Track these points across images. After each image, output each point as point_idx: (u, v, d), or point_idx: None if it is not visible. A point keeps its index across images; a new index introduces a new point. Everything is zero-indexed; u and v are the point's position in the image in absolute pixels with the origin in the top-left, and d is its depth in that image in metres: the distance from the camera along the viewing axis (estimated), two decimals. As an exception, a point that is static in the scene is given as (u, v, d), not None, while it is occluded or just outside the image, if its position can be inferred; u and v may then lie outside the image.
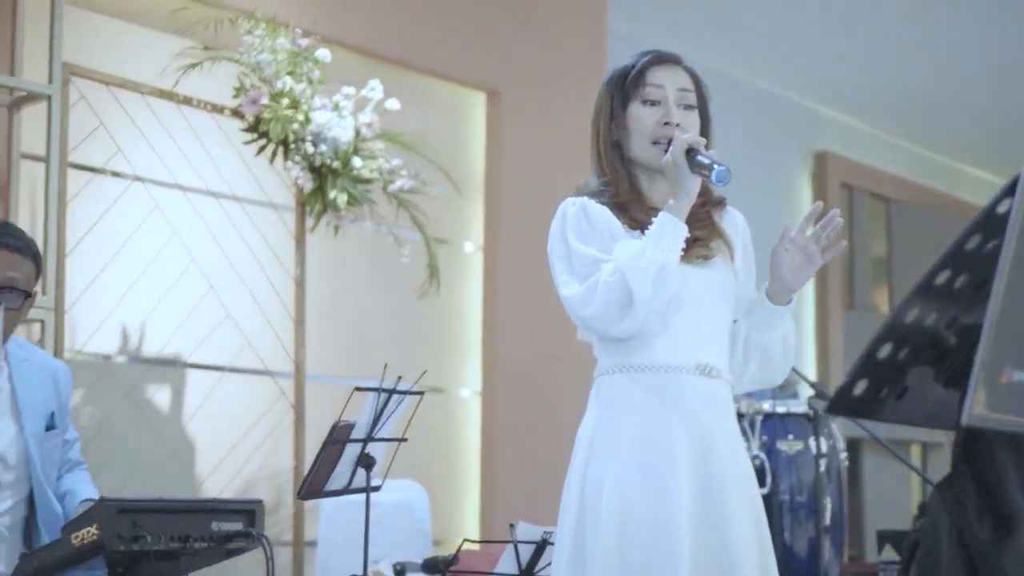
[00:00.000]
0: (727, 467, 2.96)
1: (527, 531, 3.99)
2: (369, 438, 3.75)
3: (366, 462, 3.75)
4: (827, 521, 5.34)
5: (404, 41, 6.60)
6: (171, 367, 5.57)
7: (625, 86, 3.05)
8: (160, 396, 5.54)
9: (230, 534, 3.21)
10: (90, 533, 3.02)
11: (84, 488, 3.64)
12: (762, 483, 5.26)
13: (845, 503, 5.58)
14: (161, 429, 5.51)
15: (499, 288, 7.01)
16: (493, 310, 7.02)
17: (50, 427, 3.58)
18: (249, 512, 3.29)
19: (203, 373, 5.65)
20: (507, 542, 4.02)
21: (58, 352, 4.95)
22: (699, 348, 2.97)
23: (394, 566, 4.24)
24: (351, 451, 3.75)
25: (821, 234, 2.94)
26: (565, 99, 7.09)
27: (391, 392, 3.75)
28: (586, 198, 3.01)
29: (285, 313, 5.80)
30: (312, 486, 3.67)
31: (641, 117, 3.02)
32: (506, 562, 4.04)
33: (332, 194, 5.60)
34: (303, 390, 5.69)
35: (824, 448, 5.41)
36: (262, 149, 5.57)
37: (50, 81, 5.03)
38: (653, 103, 3.02)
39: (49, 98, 5.00)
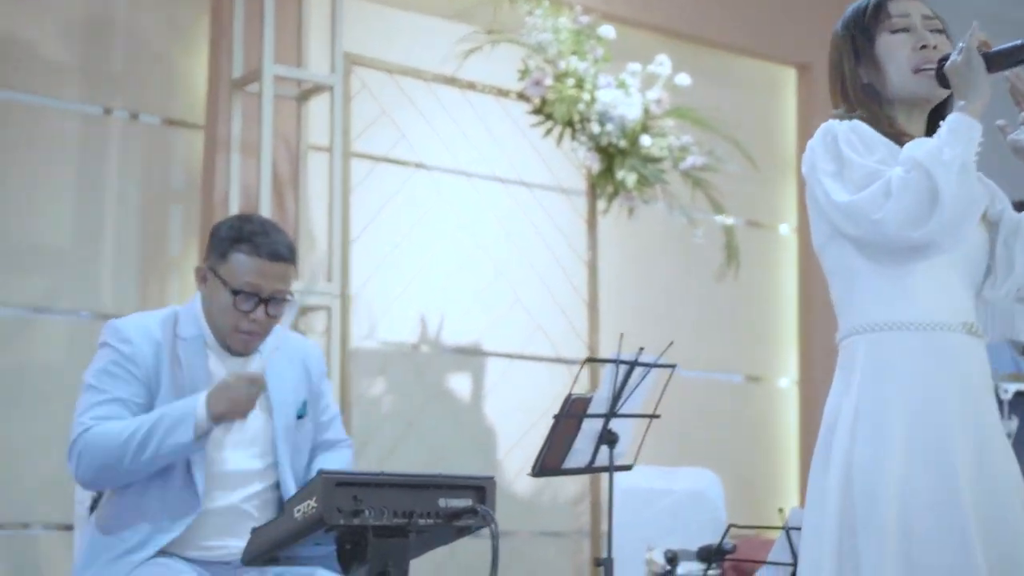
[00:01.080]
0: (996, 440, 2.62)
1: (799, 516, 3.70)
2: (611, 413, 3.54)
3: (608, 438, 3.54)
4: None
5: (702, 17, 6.37)
6: (461, 353, 5.54)
7: (865, 22, 2.79)
8: (450, 380, 5.53)
9: (457, 511, 3.06)
10: (310, 507, 2.93)
11: (333, 463, 3.59)
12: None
13: None
14: (451, 413, 5.51)
15: (816, 272, 6.65)
16: (810, 295, 6.67)
17: (301, 415, 3.55)
18: (479, 488, 3.12)
19: (493, 358, 5.60)
20: (778, 528, 3.75)
21: (344, 339, 5.01)
22: (963, 304, 2.65)
23: (665, 553, 4.03)
24: (590, 427, 3.55)
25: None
26: (883, 69, 6.66)
27: (632, 364, 3.52)
28: (856, 121, 2.71)
29: (577, 297, 5.68)
30: (547, 463, 3.50)
31: (895, 46, 2.75)
32: (779, 549, 3.77)
33: (620, 174, 5.45)
34: (598, 375, 5.54)
35: None
36: (549, 132, 5.48)
37: (332, 71, 5.10)
38: (903, 30, 2.74)
39: (331, 88, 5.07)
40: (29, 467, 4.70)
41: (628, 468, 3.69)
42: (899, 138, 2.69)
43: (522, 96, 5.49)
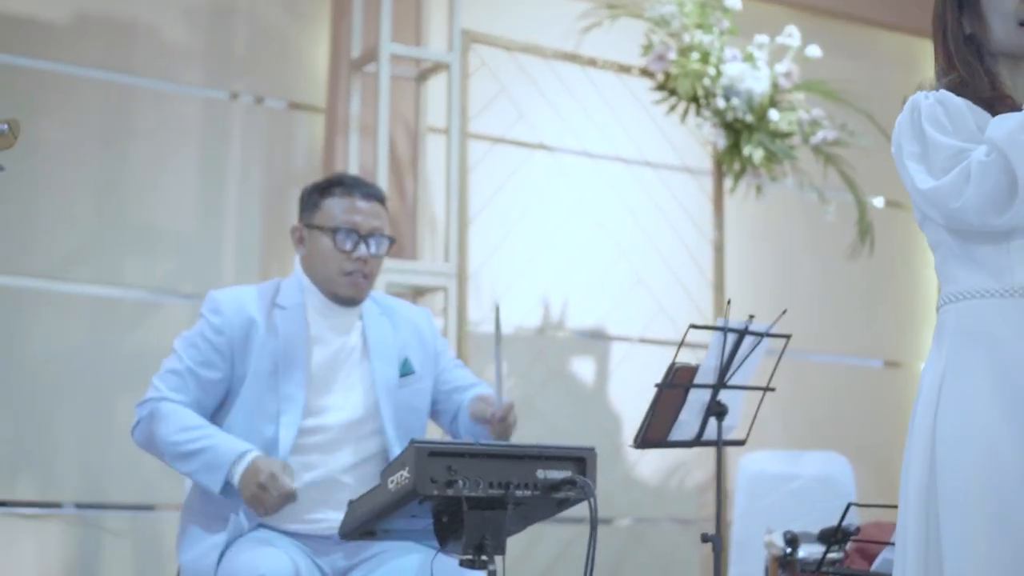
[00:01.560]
0: None
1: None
2: (719, 384, 3.40)
3: (716, 410, 3.40)
4: None
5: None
6: (582, 335, 5.45)
7: None
8: (571, 363, 5.44)
9: (556, 482, 2.96)
10: (403, 477, 2.85)
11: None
12: None
13: None
14: (573, 396, 5.42)
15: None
16: (950, 277, 6.43)
17: (406, 373, 3.48)
18: (580, 460, 3.02)
19: (616, 341, 5.50)
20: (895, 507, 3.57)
21: (462, 319, 4.95)
22: None
23: (784, 535, 3.87)
24: (696, 398, 3.42)
25: None
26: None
27: (742, 332, 3.37)
28: (943, 91, 2.57)
29: (702, 279, 5.54)
30: (650, 435, 3.37)
31: None
32: (904, 530, 3.59)
33: (747, 150, 5.30)
34: (724, 359, 5.40)
35: None
36: (672, 108, 5.35)
37: (450, 49, 5.05)
38: None
39: (449, 66, 5.02)
40: (151, 448, 4.73)
41: (740, 443, 3.55)
42: (999, 101, 2.55)
43: (645, 72, 5.38)
